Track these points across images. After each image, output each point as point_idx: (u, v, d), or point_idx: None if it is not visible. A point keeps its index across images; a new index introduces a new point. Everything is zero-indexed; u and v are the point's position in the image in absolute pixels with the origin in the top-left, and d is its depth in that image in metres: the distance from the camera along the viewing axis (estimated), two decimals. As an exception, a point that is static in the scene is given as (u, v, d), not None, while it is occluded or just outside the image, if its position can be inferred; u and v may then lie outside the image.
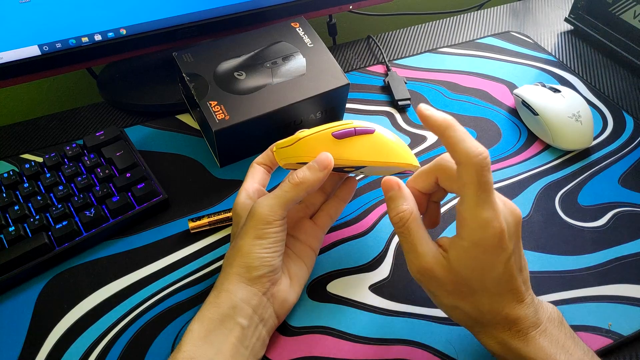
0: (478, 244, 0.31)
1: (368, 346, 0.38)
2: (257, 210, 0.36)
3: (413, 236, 0.33)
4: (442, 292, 0.34)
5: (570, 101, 0.54)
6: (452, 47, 0.68)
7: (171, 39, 0.58)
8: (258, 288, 0.36)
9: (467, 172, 0.31)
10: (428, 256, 0.33)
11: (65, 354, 0.38)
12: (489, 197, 0.31)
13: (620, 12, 0.64)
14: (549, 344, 0.32)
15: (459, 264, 0.32)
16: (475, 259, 0.32)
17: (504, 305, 0.32)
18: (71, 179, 0.48)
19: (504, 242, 0.31)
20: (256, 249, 0.36)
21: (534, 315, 0.33)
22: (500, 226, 0.31)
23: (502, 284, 0.32)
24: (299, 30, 0.55)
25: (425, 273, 0.33)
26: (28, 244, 0.42)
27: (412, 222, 0.34)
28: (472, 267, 0.32)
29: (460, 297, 0.33)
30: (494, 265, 0.32)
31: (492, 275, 0.32)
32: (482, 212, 0.31)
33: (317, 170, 0.36)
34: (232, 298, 0.35)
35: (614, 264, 0.44)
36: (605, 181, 0.51)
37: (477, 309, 0.33)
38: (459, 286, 0.33)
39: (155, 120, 0.58)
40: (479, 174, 0.31)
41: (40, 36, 0.52)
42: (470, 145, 0.31)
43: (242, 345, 0.34)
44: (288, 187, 0.36)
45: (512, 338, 0.32)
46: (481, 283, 0.32)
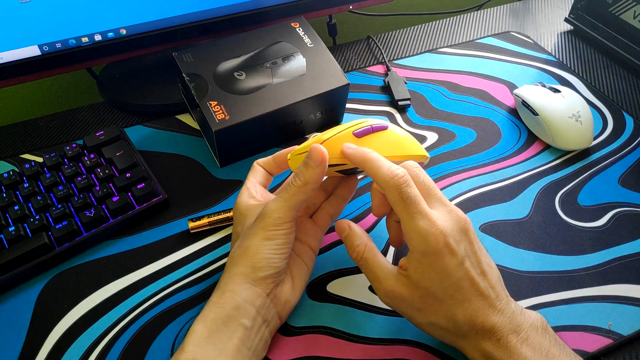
0: (425, 252, 0.33)
1: (368, 346, 0.38)
2: (268, 212, 0.36)
3: (371, 264, 0.36)
4: (413, 310, 0.35)
5: (570, 101, 0.54)
6: (452, 47, 0.68)
7: (171, 39, 0.58)
8: (262, 289, 0.36)
9: (389, 194, 0.34)
10: (389, 279, 0.35)
11: (65, 354, 0.38)
12: (417, 208, 0.33)
13: (620, 12, 0.64)
14: (532, 353, 0.32)
15: (418, 277, 0.34)
16: (430, 268, 0.33)
17: (477, 313, 0.33)
18: (71, 179, 0.48)
19: (450, 246, 0.33)
20: (264, 249, 0.36)
21: (511, 321, 0.33)
22: (439, 231, 0.33)
23: (465, 289, 0.33)
24: (299, 31, 0.55)
25: (391, 295, 0.35)
26: (28, 244, 0.42)
27: (367, 253, 0.36)
28: (429, 276, 0.33)
29: (430, 311, 0.34)
30: (449, 271, 0.33)
31: (451, 281, 0.33)
32: (416, 224, 0.33)
33: (315, 165, 0.36)
34: (235, 299, 0.35)
35: (613, 264, 0.44)
36: (605, 181, 0.51)
37: (452, 321, 0.33)
38: (425, 299, 0.34)
39: (155, 120, 0.58)
40: (399, 192, 0.34)
41: (40, 36, 0.52)
42: (385, 171, 0.34)
43: (245, 346, 0.34)
44: (294, 190, 0.36)
45: (494, 349, 0.32)
46: (444, 291, 0.33)
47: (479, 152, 0.54)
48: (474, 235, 0.35)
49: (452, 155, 0.53)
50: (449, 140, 0.55)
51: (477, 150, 0.54)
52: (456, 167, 0.52)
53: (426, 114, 0.58)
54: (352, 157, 0.37)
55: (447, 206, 0.35)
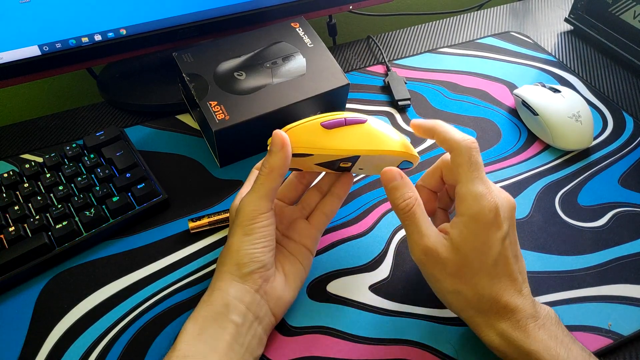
0: (475, 217, 0.34)
1: (368, 346, 0.38)
2: (241, 207, 0.37)
3: (418, 219, 0.35)
4: (444, 274, 0.35)
5: (570, 101, 0.54)
6: (452, 47, 0.68)
7: (171, 39, 0.58)
8: (250, 285, 0.36)
9: (458, 155, 0.35)
10: (432, 237, 0.35)
11: (65, 354, 0.38)
12: (481, 174, 0.35)
13: (620, 13, 0.64)
14: (548, 338, 0.32)
15: (460, 241, 0.34)
16: (475, 235, 0.33)
17: (503, 291, 0.33)
18: (71, 179, 0.48)
19: (499, 219, 0.34)
20: (245, 245, 0.36)
21: (532, 307, 0.34)
22: (494, 200, 0.34)
23: (499, 266, 0.34)
24: (299, 31, 0.55)
25: (429, 253, 0.34)
26: (28, 244, 0.42)
27: (417, 207, 0.35)
28: (472, 243, 0.34)
29: (461, 279, 0.34)
30: (491, 243, 0.33)
31: (490, 254, 0.33)
32: (476, 187, 0.34)
33: (277, 150, 0.36)
34: (224, 296, 0.35)
35: (613, 264, 0.44)
36: (605, 181, 0.51)
37: (477, 294, 0.34)
38: (461, 267, 0.34)
39: (155, 120, 0.58)
40: (469, 154, 0.35)
41: (40, 36, 0.52)
42: (457, 134, 0.36)
43: (237, 342, 0.34)
44: (262, 179, 0.37)
45: (512, 328, 0.33)
46: (480, 262, 0.33)
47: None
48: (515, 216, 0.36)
49: (452, 155, 0.53)
50: (449, 140, 0.55)
51: (477, 150, 0.54)
52: (456, 167, 0.52)
53: (426, 114, 0.58)
54: (421, 127, 0.39)
55: (496, 186, 0.36)
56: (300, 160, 0.39)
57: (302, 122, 0.38)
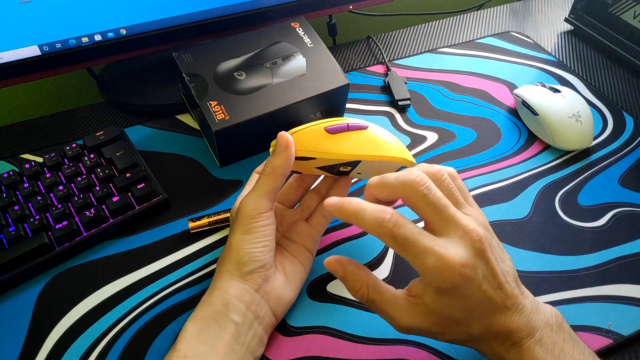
0: (440, 288, 0.31)
1: (368, 346, 0.38)
2: (242, 206, 0.37)
3: (380, 304, 0.33)
4: (431, 335, 0.33)
5: (570, 101, 0.54)
6: (452, 47, 0.68)
7: (171, 39, 0.58)
8: (250, 284, 0.36)
9: (384, 241, 0.31)
10: (404, 314, 0.32)
11: (65, 354, 0.38)
12: (419, 246, 0.30)
13: (620, 13, 0.64)
14: (544, 353, 0.31)
15: (434, 306, 0.32)
16: (447, 298, 0.31)
17: (494, 323, 0.32)
18: (71, 179, 0.48)
19: (466, 276, 0.30)
20: (245, 244, 0.36)
21: (528, 324, 0.32)
22: (450, 266, 0.30)
23: (484, 307, 0.31)
24: (299, 31, 0.55)
25: (408, 330, 0.33)
26: (28, 244, 0.42)
27: (372, 294, 0.33)
28: (447, 304, 0.31)
29: (449, 331, 0.33)
30: (467, 297, 0.31)
31: (470, 304, 0.31)
32: (424, 263, 0.30)
33: (281, 151, 0.37)
34: (224, 296, 0.35)
35: (613, 264, 0.44)
36: (605, 181, 0.51)
37: (469, 334, 0.33)
38: (443, 323, 0.32)
39: (155, 120, 0.58)
40: (392, 237, 0.30)
41: (40, 36, 0.52)
42: (370, 219, 0.31)
43: (237, 342, 0.34)
44: (264, 179, 0.37)
45: (506, 352, 0.32)
46: (462, 313, 0.32)
47: (479, 152, 0.54)
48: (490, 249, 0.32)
49: (452, 155, 0.53)
50: (449, 140, 0.55)
51: (477, 150, 0.54)
52: (456, 167, 0.52)
53: (426, 114, 0.58)
54: (334, 212, 0.33)
55: (461, 227, 0.31)
56: (302, 164, 0.39)
57: (306, 127, 0.39)
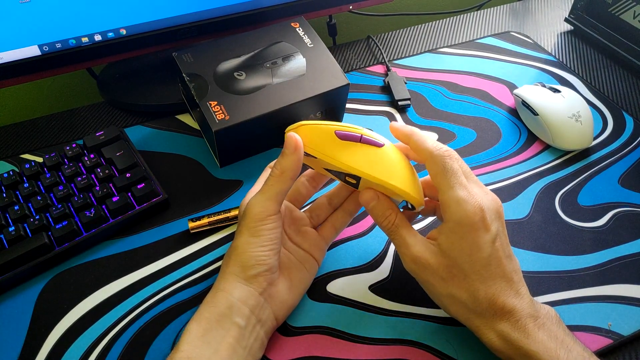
0: (461, 222, 0.34)
1: (368, 346, 0.38)
2: (249, 208, 0.37)
3: (402, 231, 0.36)
4: (437, 279, 0.35)
5: (570, 101, 0.54)
6: (452, 47, 0.68)
7: (171, 39, 0.58)
8: (255, 287, 0.36)
9: (432, 164, 0.36)
10: (418, 245, 0.36)
11: (65, 354, 0.38)
12: (459, 180, 0.35)
13: (620, 13, 0.64)
14: (548, 338, 0.32)
15: (448, 246, 0.34)
16: (462, 238, 0.34)
17: (499, 293, 0.33)
18: (71, 179, 0.48)
19: (486, 221, 0.34)
20: (251, 247, 0.36)
21: (531, 307, 0.34)
22: (477, 203, 0.34)
23: (492, 267, 0.34)
24: (299, 31, 0.55)
25: (417, 261, 0.35)
26: (28, 244, 0.42)
27: (399, 221, 0.37)
28: (460, 246, 0.34)
29: (453, 282, 0.34)
30: (480, 245, 0.33)
31: (480, 256, 0.33)
32: (456, 193, 0.34)
33: (290, 153, 0.36)
34: (228, 298, 0.35)
35: (613, 264, 0.44)
36: (605, 181, 0.51)
37: (472, 296, 0.33)
38: (451, 269, 0.34)
39: (155, 120, 0.58)
40: (442, 162, 0.35)
41: (40, 36, 0.52)
42: (431, 143, 0.36)
43: (240, 345, 0.34)
44: (272, 181, 0.37)
45: (511, 329, 0.33)
46: (471, 264, 0.33)
47: (479, 152, 0.54)
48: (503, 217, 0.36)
49: (452, 155, 0.53)
50: (449, 140, 0.55)
51: (477, 150, 0.54)
52: (456, 167, 0.52)
53: (426, 114, 0.58)
54: (398, 131, 0.39)
55: (483, 188, 0.36)
56: (307, 159, 0.38)
57: (318, 123, 0.37)
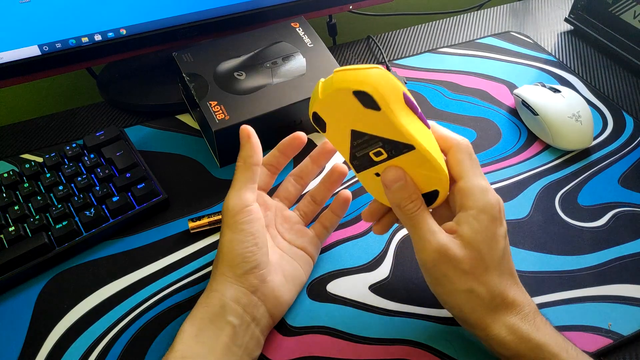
0: (484, 210, 0.33)
1: (368, 346, 0.38)
2: (224, 205, 0.37)
3: (426, 218, 0.34)
4: (458, 273, 0.33)
5: (570, 101, 0.54)
6: (452, 47, 0.68)
7: (171, 39, 0.58)
8: (246, 286, 0.36)
9: (459, 151, 0.35)
10: (443, 234, 0.34)
11: (66, 353, 0.38)
12: (481, 171, 0.36)
13: (620, 12, 0.64)
14: (552, 332, 0.33)
15: (471, 235, 0.33)
16: (486, 228, 0.33)
17: (509, 287, 0.34)
18: (71, 179, 0.48)
19: (502, 214, 0.35)
20: (234, 245, 0.36)
21: (532, 302, 0.34)
22: (497, 196, 0.35)
23: (505, 262, 0.34)
24: (299, 30, 0.55)
25: (442, 251, 0.33)
26: (28, 244, 0.42)
27: (424, 207, 0.35)
28: (483, 236, 0.33)
29: (474, 276, 0.33)
30: (497, 237, 0.34)
31: (498, 248, 0.34)
32: (482, 181, 0.35)
33: (245, 142, 0.38)
34: (221, 298, 0.35)
35: (613, 264, 0.44)
36: (605, 181, 0.51)
37: (489, 290, 0.33)
38: (474, 262, 0.33)
39: (155, 120, 0.58)
40: (469, 150, 0.36)
41: (40, 36, 0.52)
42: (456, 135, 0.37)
43: (234, 344, 0.34)
44: (238, 172, 0.38)
45: (521, 322, 0.33)
46: (491, 257, 0.33)
47: (479, 152, 0.54)
48: None
49: (452, 155, 0.53)
50: (449, 140, 0.55)
51: (477, 150, 0.54)
52: (456, 167, 0.52)
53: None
54: None
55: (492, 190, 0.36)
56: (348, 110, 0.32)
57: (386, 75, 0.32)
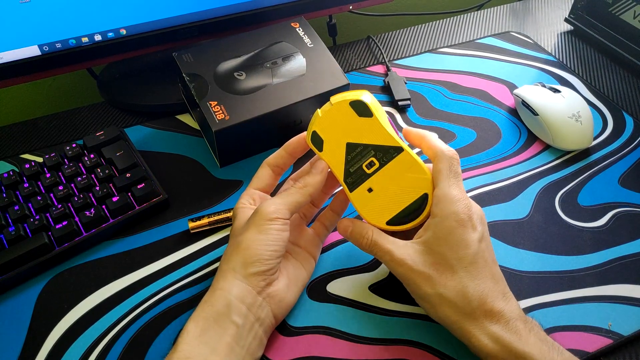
0: (449, 217, 0.35)
1: (368, 346, 0.38)
2: (262, 207, 0.37)
3: (380, 242, 0.37)
4: (423, 278, 0.35)
5: (570, 101, 0.54)
6: (452, 47, 0.68)
7: (171, 39, 0.58)
8: (253, 286, 0.36)
9: (440, 161, 0.38)
10: (400, 247, 0.36)
11: (65, 354, 0.38)
12: (458, 182, 0.37)
13: (620, 13, 0.64)
14: (540, 341, 0.33)
15: (434, 241, 0.35)
16: (449, 233, 0.35)
17: (488, 294, 0.34)
18: (71, 179, 0.48)
19: (473, 220, 0.36)
20: (256, 244, 0.36)
21: (519, 310, 0.34)
22: (468, 203, 0.36)
23: (479, 266, 0.34)
24: (299, 31, 0.55)
25: (402, 263, 0.36)
26: (28, 244, 0.42)
27: (376, 236, 0.38)
28: (447, 240, 0.35)
29: (442, 280, 0.34)
30: (467, 241, 0.34)
31: (467, 252, 0.34)
32: (452, 191, 0.36)
33: (317, 173, 0.40)
34: (226, 296, 0.35)
35: (613, 264, 0.44)
36: (605, 181, 0.51)
37: (461, 293, 0.34)
38: (438, 266, 0.35)
39: (155, 120, 0.58)
40: (450, 162, 0.37)
41: (40, 36, 0.52)
42: (442, 144, 0.39)
43: (238, 344, 0.34)
44: (294, 190, 0.39)
45: (504, 331, 0.33)
46: (458, 260, 0.34)
47: (479, 152, 0.54)
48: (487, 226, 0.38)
49: (452, 155, 0.53)
50: (449, 140, 0.55)
51: (477, 150, 0.54)
52: (456, 167, 0.52)
53: (426, 114, 0.58)
54: (409, 134, 0.41)
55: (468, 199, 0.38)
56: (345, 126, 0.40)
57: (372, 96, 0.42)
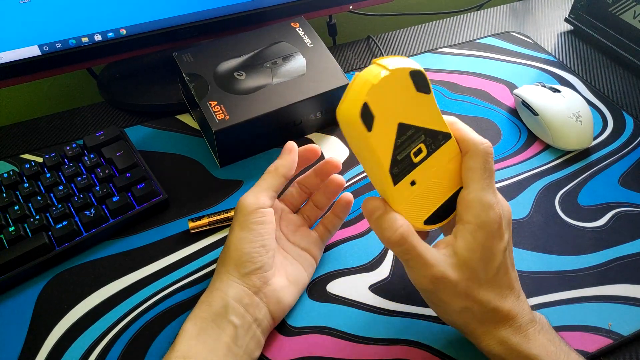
0: (482, 226, 0.32)
1: (368, 346, 0.38)
2: (240, 202, 0.38)
3: (417, 249, 0.32)
4: (453, 296, 0.32)
5: (570, 101, 0.54)
6: (452, 47, 0.68)
7: (171, 39, 0.58)
8: (249, 287, 0.36)
9: (474, 158, 0.33)
10: (438, 263, 0.32)
11: (65, 354, 0.38)
12: (492, 183, 0.34)
13: (620, 12, 0.64)
14: (548, 342, 0.33)
15: (467, 253, 0.32)
16: (481, 245, 0.32)
17: (504, 300, 0.33)
18: (71, 179, 0.48)
19: (501, 229, 0.33)
20: (242, 244, 0.36)
21: (530, 312, 0.34)
22: (500, 211, 0.33)
23: (501, 275, 0.33)
24: (299, 30, 0.55)
25: (438, 281, 0.32)
26: (28, 244, 0.42)
27: (412, 236, 0.32)
28: (479, 254, 0.32)
29: (469, 296, 0.32)
30: (494, 253, 0.33)
31: (493, 265, 0.33)
32: (486, 196, 0.33)
33: (285, 154, 0.39)
34: (223, 297, 0.35)
35: (614, 264, 0.44)
36: (605, 181, 0.51)
37: (483, 306, 0.33)
38: (469, 282, 0.32)
39: (155, 120, 0.58)
40: (485, 160, 0.33)
41: (40, 36, 0.52)
42: (476, 135, 0.34)
43: (235, 344, 0.34)
44: (265, 176, 0.39)
45: (512, 334, 0.33)
46: (485, 273, 0.33)
47: (479, 152, 0.54)
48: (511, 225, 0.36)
49: (452, 155, 0.53)
50: (449, 140, 0.55)
51: (477, 150, 0.54)
52: (456, 167, 0.52)
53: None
54: None
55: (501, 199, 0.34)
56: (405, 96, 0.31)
57: None
